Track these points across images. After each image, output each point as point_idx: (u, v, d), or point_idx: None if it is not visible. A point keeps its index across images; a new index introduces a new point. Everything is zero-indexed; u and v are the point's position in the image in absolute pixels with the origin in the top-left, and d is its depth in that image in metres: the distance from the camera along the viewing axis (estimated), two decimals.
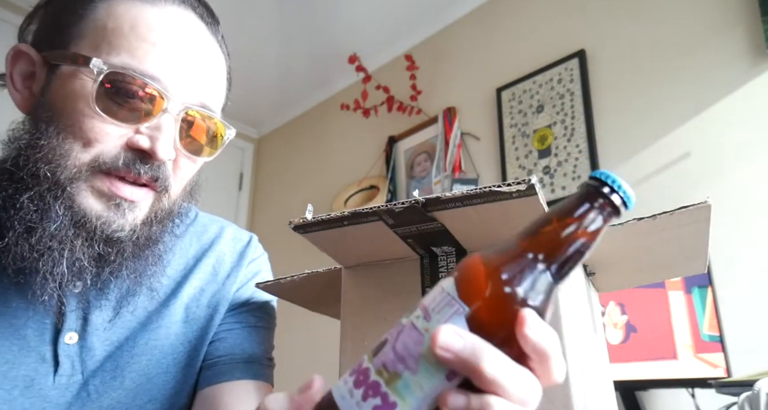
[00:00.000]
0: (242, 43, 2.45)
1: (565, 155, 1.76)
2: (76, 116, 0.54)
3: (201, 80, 0.59)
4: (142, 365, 0.63)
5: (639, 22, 1.69)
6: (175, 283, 0.68)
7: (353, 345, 0.59)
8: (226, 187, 2.98)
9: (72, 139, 0.54)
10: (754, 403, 0.76)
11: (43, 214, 0.53)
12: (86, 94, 0.54)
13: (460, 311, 0.32)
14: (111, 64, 0.54)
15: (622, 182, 0.34)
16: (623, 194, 0.33)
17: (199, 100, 0.59)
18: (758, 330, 1.26)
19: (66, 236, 0.53)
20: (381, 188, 2.30)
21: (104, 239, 0.55)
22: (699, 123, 1.50)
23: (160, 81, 0.55)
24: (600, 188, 0.33)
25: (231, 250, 0.74)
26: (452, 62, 2.25)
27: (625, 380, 1.24)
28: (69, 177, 0.53)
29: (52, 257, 0.53)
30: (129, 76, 0.54)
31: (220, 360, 0.67)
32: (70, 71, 0.55)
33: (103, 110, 0.53)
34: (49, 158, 0.53)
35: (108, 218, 0.55)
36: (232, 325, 0.70)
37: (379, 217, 0.53)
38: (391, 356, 0.32)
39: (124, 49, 0.54)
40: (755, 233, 1.33)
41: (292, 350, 2.22)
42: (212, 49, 0.61)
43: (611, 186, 0.33)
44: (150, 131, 0.55)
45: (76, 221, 0.53)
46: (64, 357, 0.58)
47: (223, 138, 0.63)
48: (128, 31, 0.55)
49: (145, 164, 0.55)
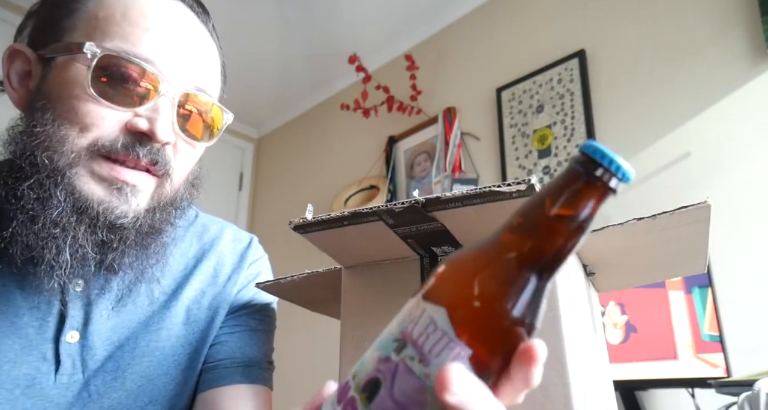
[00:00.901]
0: (242, 43, 2.45)
1: (565, 155, 1.76)
2: (71, 102, 0.54)
3: (195, 64, 0.59)
4: (143, 366, 0.63)
5: (639, 22, 1.69)
6: (176, 284, 0.68)
7: (353, 344, 0.59)
8: (226, 187, 2.98)
9: (68, 124, 0.53)
10: (753, 403, 0.76)
11: (44, 202, 0.52)
12: (81, 79, 0.54)
13: (462, 355, 0.28)
14: (104, 47, 0.54)
15: (616, 156, 0.28)
16: (619, 173, 0.28)
17: (194, 85, 0.59)
18: (758, 330, 1.26)
19: (69, 223, 0.53)
20: (381, 188, 2.30)
21: (107, 226, 0.55)
22: (699, 123, 1.50)
23: (154, 64, 0.55)
24: (591, 169, 0.28)
25: (231, 251, 0.74)
26: (452, 62, 2.25)
27: (625, 380, 1.24)
28: (68, 163, 0.53)
29: (56, 245, 0.53)
30: (123, 59, 0.54)
31: (220, 364, 0.67)
32: (65, 60, 0.55)
33: (99, 94, 0.53)
34: (46, 144, 0.53)
35: (110, 204, 0.54)
36: (233, 328, 0.70)
37: (379, 217, 0.53)
38: (390, 405, 0.29)
39: (117, 35, 0.55)
40: (755, 233, 1.33)
41: (292, 350, 2.22)
42: (204, 36, 0.62)
43: (604, 165, 0.28)
44: (148, 113, 0.55)
45: (77, 207, 0.53)
46: (66, 356, 0.58)
47: (221, 123, 0.63)
48: (120, 19, 0.55)
49: (144, 147, 0.55)
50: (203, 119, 0.61)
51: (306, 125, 2.90)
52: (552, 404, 0.47)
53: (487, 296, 0.28)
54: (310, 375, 2.12)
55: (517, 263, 0.29)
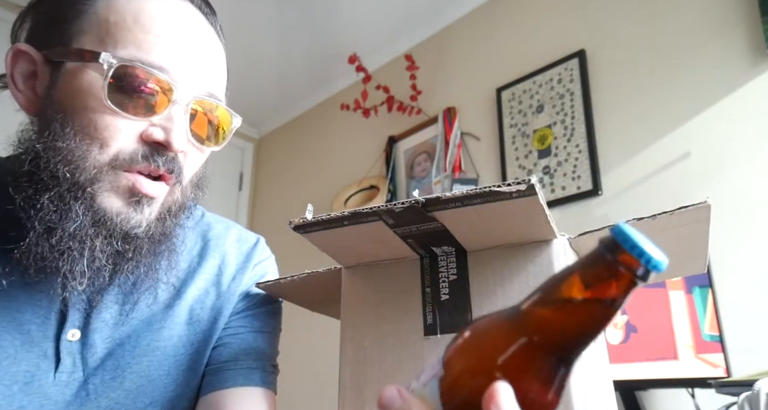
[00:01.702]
0: (242, 42, 2.45)
1: (565, 155, 1.76)
2: (88, 115, 0.54)
3: (206, 70, 0.59)
4: (143, 366, 0.62)
5: (639, 22, 1.69)
6: (180, 281, 0.67)
7: (353, 345, 0.59)
8: (226, 187, 2.98)
9: (89, 140, 0.53)
10: (753, 403, 0.76)
11: (63, 214, 0.53)
12: (97, 90, 0.53)
13: (438, 374, 0.30)
14: (119, 57, 0.53)
15: (647, 246, 0.26)
16: (650, 265, 0.26)
17: (206, 90, 0.59)
18: (758, 330, 1.26)
19: (86, 236, 0.53)
20: (381, 188, 2.30)
21: (123, 236, 0.55)
22: (699, 123, 1.50)
23: (168, 72, 0.55)
24: (618, 257, 0.26)
25: (236, 251, 0.74)
26: (452, 62, 2.25)
27: (625, 380, 1.24)
28: (89, 178, 0.53)
29: (72, 257, 0.53)
30: (139, 69, 0.54)
31: (224, 366, 0.67)
32: (76, 68, 0.55)
33: (116, 105, 0.53)
34: (68, 159, 0.53)
35: (127, 215, 0.55)
36: (237, 330, 0.70)
37: (379, 217, 0.53)
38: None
39: (130, 42, 0.54)
40: (755, 233, 1.33)
41: (292, 350, 2.22)
42: (213, 39, 0.61)
43: (633, 255, 0.26)
44: (163, 122, 0.55)
45: (95, 220, 0.54)
46: (66, 354, 0.58)
47: (230, 127, 0.63)
48: (132, 24, 0.55)
49: (161, 156, 0.55)
50: (213, 123, 0.61)
51: (306, 125, 2.90)
52: None
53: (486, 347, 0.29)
54: (310, 376, 2.12)
55: (538, 349, 0.28)
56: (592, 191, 1.66)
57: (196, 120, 0.59)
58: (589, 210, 1.66)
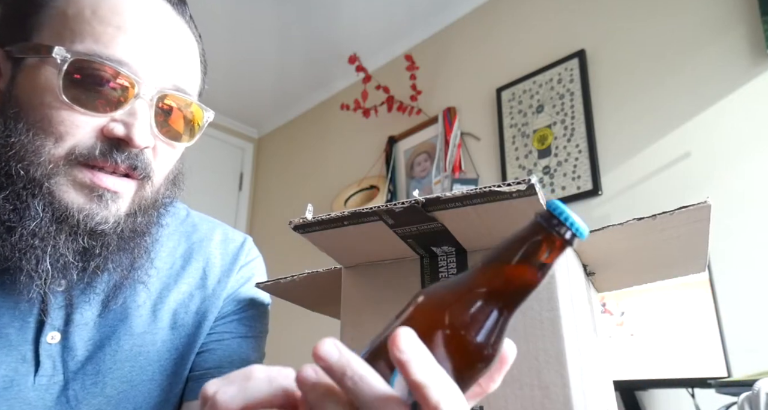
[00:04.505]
0: (242, 43, 2.45)
1: (565, 155, 1.76)
2: (44, 110, 0.52)
3: (172, 63, 0.57)
4: (124, 371, 0.61)
5: (639, 22, 1.69)
6: (162, 284, 0.66)
7: (353, 345, 0.59)
8: (226, 187, 2.99)
9: (43, 134, 0.52)
10: (753, 403, 0.76)
11: (21, 213, 0.51)
12: (52, 85, 0.51)
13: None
14: (75, 51, 0.51)
15: (572, 214, 0.33)
16: (574, 228, 0.33)
17: (172, 84, 0.57)
18: (758, 330, 1.26)
19: (48, 233, 0.52)
20: (381, 188, 2.30)
21: (88, 233, 0.53)
22: (699, 123, 1.50)
23: (129, 66, 0.53)
24: (550, 222, 0.33)
25: (222, 253, 0.72)
26: (452, 62, 2.25)
27: (625, 380, 1.24)
28: (45, 173, 0.51)
29: (35, 255, 0.51)
30: (96, 63, 0.52)
31: (208, 373, 0.65)
32: (34, 63, 0.53)
33: (72, 100, 0.51)
34: (21, 155, 0.51)
35: (91, 211, 0.53)
36: (222, 335, 0.68)
37: (379, 217, 0.53)
38: None
39: (88, 35, 0.52)
40: (755, 233, 1.33)
41: (292, 350, 2.22)
42: (180, 29, 0.59)
43: (561, 219, 0.32)
44: (124, 117, 0.53)
45: (57, 216, 0.52)
46: (46, 357, 0.57)
47: (201, 122, 0.61)
48: (90, 16, 0.53)
49: (122, 153, 0.53)
50: (183, 118, 0.59)
51: (306, 125, 2.90)
52: (552, 404, 0.47)
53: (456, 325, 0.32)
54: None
55: (484, 298, 0.33)
56: (592, 191, 1.66)
57: (164, 115, 0.57)
58: (589, 210, 1.66)
